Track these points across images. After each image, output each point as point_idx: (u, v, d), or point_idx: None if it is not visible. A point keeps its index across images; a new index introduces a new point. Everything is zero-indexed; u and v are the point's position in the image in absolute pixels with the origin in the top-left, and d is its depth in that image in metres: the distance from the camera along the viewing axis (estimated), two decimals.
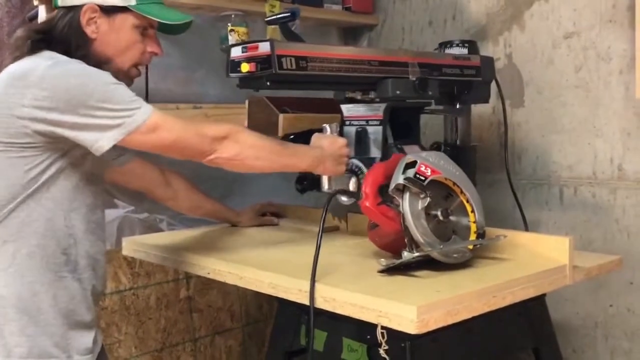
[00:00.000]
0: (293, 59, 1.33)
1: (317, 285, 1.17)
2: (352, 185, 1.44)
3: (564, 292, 1.33)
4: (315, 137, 1.41)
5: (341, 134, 1.52)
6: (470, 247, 1.26)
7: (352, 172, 1.46)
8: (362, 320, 1.09)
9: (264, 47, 1.31)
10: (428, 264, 1.23)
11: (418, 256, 1.19)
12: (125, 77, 1.29)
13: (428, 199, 1.22)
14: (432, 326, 1.02)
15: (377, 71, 1.47)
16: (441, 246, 1.21)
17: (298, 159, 1.34)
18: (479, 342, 1.33)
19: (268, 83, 1.35)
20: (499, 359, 1.52)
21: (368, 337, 1.30)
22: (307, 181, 1.52)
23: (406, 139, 1.53)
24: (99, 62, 1.26)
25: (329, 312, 1.15)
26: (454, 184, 1.29)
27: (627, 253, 1.77)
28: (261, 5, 2.03)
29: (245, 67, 1.34)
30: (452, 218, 1.27)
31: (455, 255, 1.22)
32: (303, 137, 1.50)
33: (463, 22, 2.15)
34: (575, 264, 1.30)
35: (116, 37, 1.28)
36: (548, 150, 1.96)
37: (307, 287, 1.17)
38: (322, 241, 1.20)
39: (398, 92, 1.47)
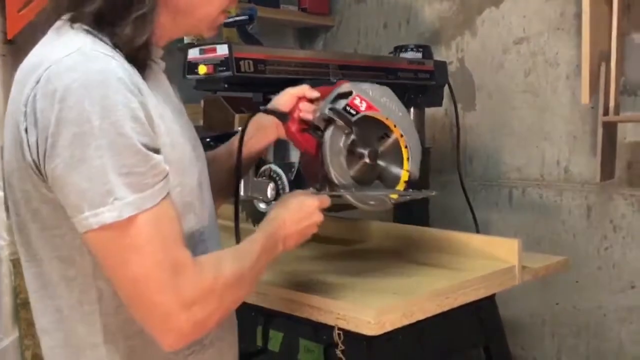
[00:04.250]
0: (251, 62, 1.34)
1: (275, 288, 1.18)
2: (269, 192, 1.36)
3: (513, 291, 1.37)
4: (280, 204, 1.03)
5: None
6: (395, 196, 1.12)
7: (271, 178, 1.39)
8: (318, 321, 1.11)
9: (222, 50, 1.31)
10: (387, 256, 1.25)
11: (328, 194, 1.05)
12: (209, 29, 0.95)
13: (352, 136, 1.08)
14: (388, 328, 1.05)
15: (333, 74, 1.48)
16: (353, 189, 1.07)
17: (262, 261, 0.94)
18: (432, 341, 1.36)
19: (226, 85, 1.35)
20: (451, 357, 1.56)
21: (324, 337, 1.32)
22: None
23: None
24: (174, 14, 0.90)
25: (285, 313, 1.17)
26: (395, 125, 1.13)
27: (573, 252, 1.84)
28: None
29: (202, 69, 1.33)
30: (380, 162, 1.13)
31: (372, 202, 1.09)
32: (220, 139, 1.47)
33: (417, 26, 2.19)
34: (524, 264, 1.35)
35: None
36: (498, 152, 2.02)
37: (264, 289, 1.18)
38: None
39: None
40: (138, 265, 0.77)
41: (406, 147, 1.13)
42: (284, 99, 1.13)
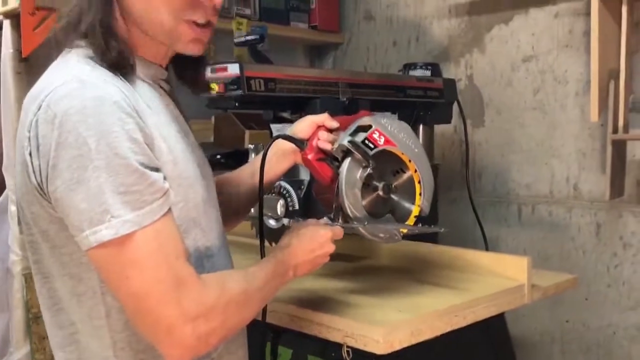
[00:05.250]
0: (262, 81, 1.35)
1: (284, 305, 1.19)
2: (279, 209, 1.37)
3: (522, 308, 1.37)
4: (294, 233, 1.05)
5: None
6: (405, 230, 1.14)
7: (280, 194, 1.40)
8: (327, 339, 1.12)
9: (233, 69, 1.33)
10: (395, 273, 1.25)
11: (341, 225, 1.09)
12: (177, 42, 0.92)
13: (369, 170, 1.10)
14: (397, 347, 1.05)
15: (343, 93, 1.49)
16: (366, 223, 1.09)
17: (271, 286, 0.97)
18: (441, 359, 1.36)
19: (236, 104, 1.36)
20: None
21: (333, 354, 1.32)
22: None
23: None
24: (136, 25, 0.90)
25: (294, 329, 1.17)
26: (409, 160, 1.15)
27: (582, 270, 1.84)
28: (228, 23, 2.05)
29: (214, 88, 1.35)
30: (393, 196, 1.15)
31: (382, 235, 1.12)
32: (231, 157, 1.48)
33: (426, 44, 2.21)
34: (533, 282, 1.35)
35: None
36: (507, 169, 2.02)
37: (272, 306, 1.19)
38: None
39: (327, 111, 1.35)
40: (139, 280, 0.79)
41: (419, 182, 1.15)
42: (303, 126, 1.14)
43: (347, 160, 1.09)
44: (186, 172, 0.89)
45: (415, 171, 1.15)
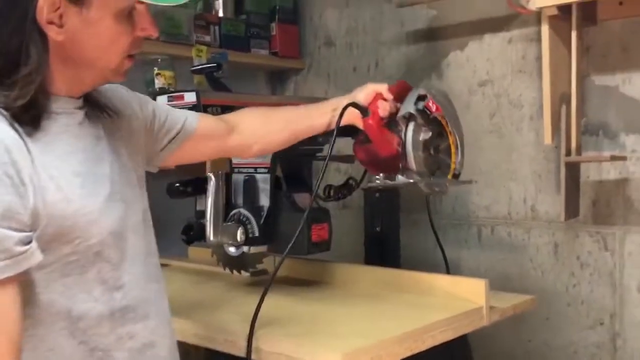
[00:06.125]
0: (219, 108, 1.36)
1: (243, 334, 1.18)
2: (239, 236, 1.41)
3: (485, 329, 1.39)
4: None
5: (229, 182, 1.48)
6: (449, 184, 1.35)
7: (240, 222, 1.43)
8: None
9: (190, 97, 1.33)
10: (356, 298, 1.25)
11: (410, 182, 1.28)
12: (114, 75, 0.95)
13: (430, 133, 1.29)
14: None
15: None
16: (430, 178, 1.30)
17: None
18: None
19: None
20: None
21: None
22: (193, 231, 1.51)
23: (298, 187, 1.50)
24: (74, 67, 0.90)
25: None
26: (447, 124, 1.32)
27: (541, 289, 1.87)
28: (188, 50, 2.05)
29: None
30: (440, 155, 1.33)
31: (436, 189, 1.33)
32: (191, 184, 1.49)
33: (385, 69, 2.24)
34: (492, 304, 1.37)
35: (94, 32, 0.88)
36: (467, 191, 2.05)
37: (231, 336, 1.18)
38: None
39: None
40: None
41: (454, 144, 1.33)
42: (365, 93, 1.29)
43: (412, 125, 1.27)
44: (85, 208, 0.88)
45: (452, 134, 1.32)
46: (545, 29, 1.63)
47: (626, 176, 1.75)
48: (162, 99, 1.38)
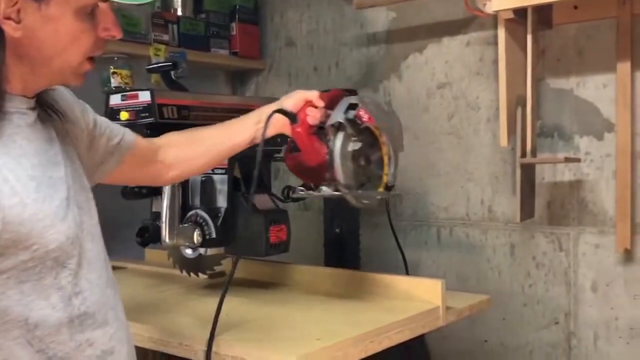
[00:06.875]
0: (175, 108, 1.34)
1: (199, 338, 1.16)
2: (196, 238, 1.39)
3: (443, 329, 1.40)
4: None
5: (186, 183, 1.46)
6: (379, 197, 1.30)
7: (197, 223, 1.42)
8: None
9: (144, 96, 1.31)
10: (313, 300, 1.24)
11: (336, 195, 1.22)
12: (73, 76, 0.92)
13: (360, 144, 1.24)
14: None
15: None
16: (359, 191, 1.25)
17: None
18: None
19: (148, 132, 1.34)
20: None
21: None
22: (148, 233, 1.48)
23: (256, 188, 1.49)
24: (31, 65, 0.87)
25: None
26: (380, 134, 1.27)
27: (498, 291, 1.89)
28: (146, 49, 2.02)
29: (124, 115, 1.33)
30: (371, 166, 1.29)
31: (365, 201, 1.26)
32: (146, 186, 1.46)
33: (346, 70, 2.24)
34: (449, 304, 1.38)
35: (54, 29, 0.85)
36: (426, 192, 2.07)
37: (188, 341, 1.16)
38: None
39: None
40: None
41: (386, 154, 1.28)
42: (293, 100, 1.22)
43: (341, 135, 1.22)
44: (41, 212, 0.84)
45: (384, 144, 1.28)
46: (501, 32, 1.65)
47: (580, 178, 1.78)
48: (116, 99, 1.36)
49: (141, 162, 1.16)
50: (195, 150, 1.22)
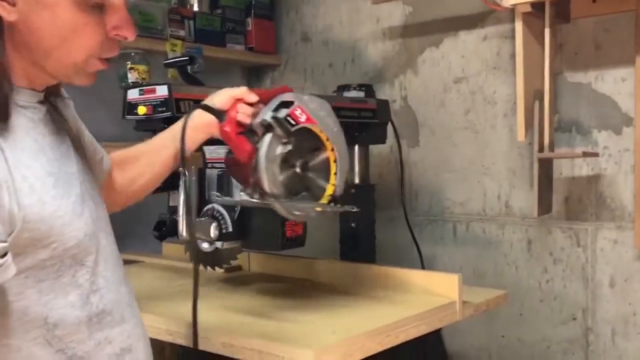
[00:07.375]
0: (192, 103, 1.34)
1: (216, 331, 1.17)
2: (212, 232, 1.36)
3: (459, 324, 1.39)
4: None
5: (202, 177, 1.43)
6: (319, 209, 1.14)
7: (213, 217, 1.39)
8: None
9: (162, 91, 1.32)
10: (330, 294, 1.25)
11: (256, 202, 1.09)
12: (78, 74, 0.87)
13: (290, 147, 1.09)
14: None
15: None
16: (284, 200, 1.08)
17: None
18: None
19: (165, 126, 1.34)
20: None
21: None
22: (166, 228, 1.48)
23: None
24: (31, 57, 0.84)
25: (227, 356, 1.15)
26: (327, 139, 1.14)
27: (515, 286, 1.88)
28: (162, 44, 2.03)
29: (142, 110, 1.33)
30: (310, 174, 1.13)
31: (297, 213, 1.11)
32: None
33: (361, 65, 2.24)
34: (465, 299, 1.37)
35: (50, 17, 0.81)
36: (442, 187, 2.06)
37: (205, 333, 1.17)
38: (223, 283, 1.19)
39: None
40: None
41: (335, 161, 1.15)
42: (220, 98, 1.11)
43: (268, 136, 1.07)
44: (60, 210, 0.83)
45: (332, 150, 1.14)
46: (519, 26, 1.64)
47: (598, 172, 1.77)
48: (134, 93, 1.37)
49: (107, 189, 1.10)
50: (135, 170, 1.14)
